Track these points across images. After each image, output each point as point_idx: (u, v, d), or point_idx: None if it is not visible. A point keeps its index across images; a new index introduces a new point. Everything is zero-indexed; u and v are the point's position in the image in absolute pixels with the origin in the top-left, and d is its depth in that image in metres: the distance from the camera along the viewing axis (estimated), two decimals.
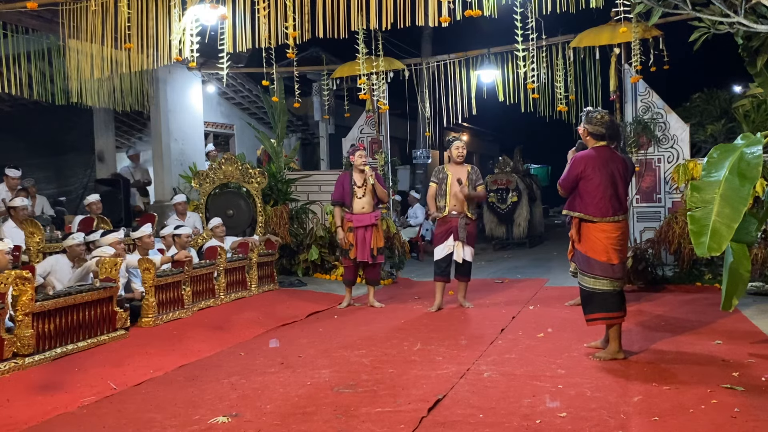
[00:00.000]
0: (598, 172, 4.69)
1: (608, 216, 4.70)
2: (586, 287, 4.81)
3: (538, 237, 14.65)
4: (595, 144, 4.82)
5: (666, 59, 8.55)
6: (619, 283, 4.79)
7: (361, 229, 7.13)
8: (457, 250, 6.88)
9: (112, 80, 9.14)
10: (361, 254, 7.14)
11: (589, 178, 4.70)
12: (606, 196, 4.69)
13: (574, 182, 4.77)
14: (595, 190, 4.69)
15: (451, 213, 6.86)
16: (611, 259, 4.71)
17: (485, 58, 9.61)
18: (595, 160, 4.72)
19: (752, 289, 6.87)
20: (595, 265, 4.73)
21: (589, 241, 4.75)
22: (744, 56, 7.24)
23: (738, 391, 3.93)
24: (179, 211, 8.74)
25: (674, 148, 8.75)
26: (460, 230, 6.82)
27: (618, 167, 4.77)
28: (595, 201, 4.69)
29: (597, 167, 4.69)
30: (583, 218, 4.76)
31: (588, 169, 4.70)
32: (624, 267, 4.94)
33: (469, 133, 24.55)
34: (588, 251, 4.76)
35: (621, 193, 4.80)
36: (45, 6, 7.00)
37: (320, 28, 6.31)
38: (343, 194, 7.17)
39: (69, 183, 13.31)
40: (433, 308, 6.94)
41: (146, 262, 6.25)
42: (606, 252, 4.71)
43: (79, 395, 4.31)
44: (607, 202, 4.69)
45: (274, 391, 4.29)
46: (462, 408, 3.85)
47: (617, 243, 4.73)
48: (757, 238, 6.82)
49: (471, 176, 6.92)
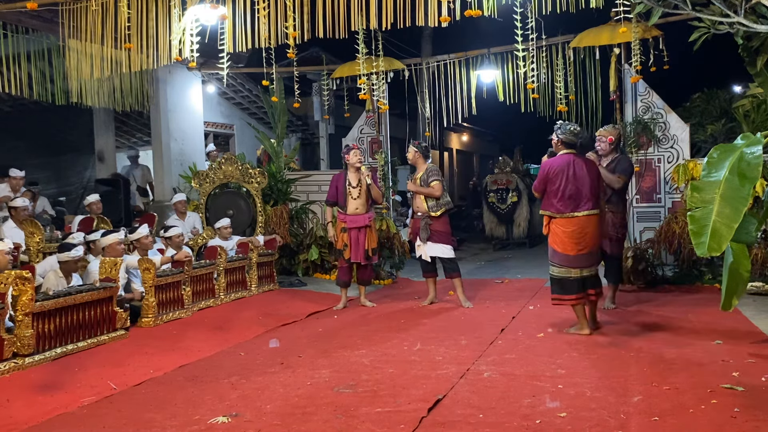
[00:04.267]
0: (560, 175, 5.42)
1: (566, 212, 5.43)
2: (550, 274, 5.62)
3: (538, 237, 14.62)
4: (565, 151, 5.56)
5: (666, 59, 8.54)
6: (576, 271, 5.46)
7: (355, 231, 7.16)
8: (423, 249, 7.13)
9: (112, 80, 9.13)
10: (355, 255, 7.18)
11: (552, 181, 5.45)
12: (564, 196, 5.41)
13: (543, 185, 5.55)
14: (556, 191, 5.43)
15: (416, 214, 7.20)
16: (567, 250, 5.46)
17: (485, 58, 9.60)
18: (559, 165, 5.47)
19: (752, 289, 6.87)
20: (555, 255, 5.53)
21: (552, 234, 5.54)
22: (744, 56, 7.24)
23: (738, 391, 3.93)
24: (179, 210, 8.73)
25: (674, 148, 8.74)
26: (422, 231, 7.06)
27: (581, 170, 5.47)
28: (556, 200, 5.45)
29: (558, 171, 5.44)
30: (549, 215, 5.53)
31: (551, 173, 5.47)
32: (584, 257, 5.51)
33: (469, 133, 24.58)
34: (551, 243, 5.56)
35: (584, 193, 5.44)
36: (45, 6, 6.99)
37: (320, 28, 6.30)
38: (336, 194, 7.22)
39: (69, 183, 13.31)
40: (426, 302, 7.28)
41: (146, 262, 6.25)
42: (563, 244, 5.47)
43: (79, 395, 4.31)
44: (565, 201, 5.42)
45: (274, 391, 4.29)
46: (462, 408, 3.85)
47: (573, 236, 5.44)
48: (757, 238, 6.82)
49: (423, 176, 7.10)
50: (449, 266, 7.13)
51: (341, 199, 7.18)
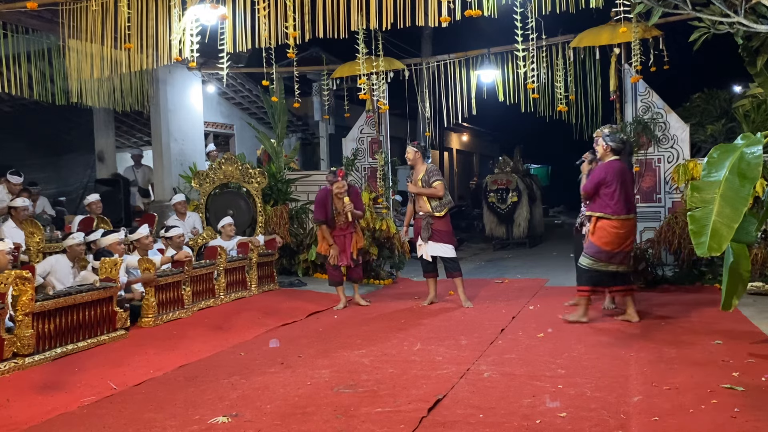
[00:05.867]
0: (616, 179, 5.83)
1: (622, 215, 5.84)
2: (583, 266, 5.97)
3: (538, 237, 14.64)
4: (612, 158, 5.95)
5: (666, 59, 8.55)
6: (614, 266, 5.94)
7: (340, 237, 7.28)
8: (424, 249, 7.15)
9: (112, 80, 9.13)
10: (341, 259, 7.26)
11: (609, 184, 5.83)
12: (620, 199, 5.83)
13: (596, 188, 5.89)
14: (612, 194, 5.83)
15: (418, 214, 7.21)
16: (613, 248, 5.87)
17: (485, 58, 9.60)
18: (614, 170, 5.87)
19: (752, 289, 6.87)
20: (598, 251, 5.88)
21: (602, 232, 5.87)
22: (744, 56, 7.23)
23: (738, 391, 3.93)
24: (179, 210, 8.73)
25: (674, 148, 8.75)
26: (423, 230, 7.09)
27: (627, 176, 5.99)
28: (612, 203, 5.83)
29: (615, 176, 5.84)
30: (602, 216, 5.86)
31: (608, 177, 5.83)
32: (623, 255, 6.00)
33: (469, 133, 24.58)
34: (597, 241, 5.89)
35: (631, 197, 5.99)
36: (45, 6, 6.99)
37: (320, 28, 6.30)
38: (326, 213, 7.25)
39: (69, 183, 13.32)
40: (426, 302, 7.30)
41: (146, 262, 6.25)
42: (611, 243, 5.85)
43: (79, 395, 4.31)
44: (621, 204, 5.84)
45: (274, 391, 4.29)
46: (462, 408, 3.85)
47: (621, 236, 5.87)
48: (757, 238, 6.82)
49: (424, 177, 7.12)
50: (450, 266, 7.15)
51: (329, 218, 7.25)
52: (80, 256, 6.36)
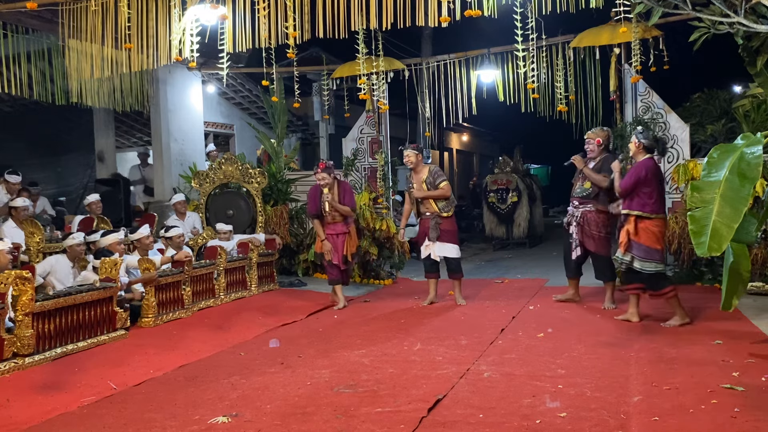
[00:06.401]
0: (655, 177, 5.79)
1: (660, 213, 5.82)
2: (648, 271, 5.76)
3: (538, 237, 14.64)
4: (645, 156, 5.86)
5: (666, 59, 8.54)
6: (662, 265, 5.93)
7: (333, 236, 7.26)
8: (432, 249, 7.13)
9: (112, 80, 9.14)
10: (334, 257, 7.25)
11: (648, 182, 5.76)
12: (658, 197, 5.81)
13: (635, 186, 5.77)
14: (650, 192, 5.76)
15: (424, 214, 7.17)
16: (662, 247, 5.91)
17: (485, 58, 9.60)
18: (652, 168, 5.81)
19: (752, 289, 6.87)
20: (656, 252, 5.78)
21: (647, 232, 5.75)
22: (744, 56, 7.22)
23: (738, 391, 3.93)
24: (178, 210, 8.73)
25: (674, 148, 8.74)
26: (431, 230, 7.08)
27: (661, 175, 5.98)
28: (652, 201, 5.76)
29: (653, 174, 5.79)
30: (641, 215, 5.75)
31: (648, 175, 5.75)
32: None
33: (469, 133, 24.58)
34: (647, 242, 5.76)
35: (664, 195, 6.05)
36: (45, 6, 6.99)
37: (320, 28, 6.30)
38: (315, 207, 7.25)
39: (69, 183, 13.32)
40: (426, 302, 7.27)
41: (146, 262, 6.25)
42: (660, 242, 5.82)
43: (79, 395, 4.31)
44: (660, 202, 5.83)
45: (274, 391, 4.29)
46: (462, 408, 3.85)
47: (663, 234, 5.94)
48: (757, 238, 6.81)
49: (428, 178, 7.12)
50: (454, 266, 7.17)
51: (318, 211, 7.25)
52: (80, 256, 6.36)
